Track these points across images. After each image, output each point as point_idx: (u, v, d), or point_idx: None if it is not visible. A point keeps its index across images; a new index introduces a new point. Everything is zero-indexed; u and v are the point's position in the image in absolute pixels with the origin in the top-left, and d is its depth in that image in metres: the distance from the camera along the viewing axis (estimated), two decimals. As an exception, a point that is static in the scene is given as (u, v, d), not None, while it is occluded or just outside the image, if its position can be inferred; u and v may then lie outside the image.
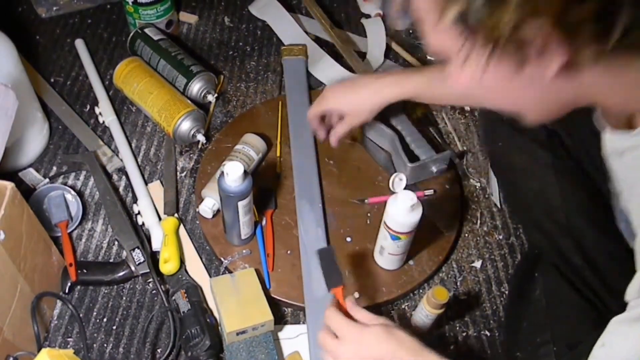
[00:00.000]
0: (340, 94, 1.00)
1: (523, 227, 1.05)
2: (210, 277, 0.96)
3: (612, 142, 0.66)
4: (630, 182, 0.63)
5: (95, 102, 1.22)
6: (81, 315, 0.92)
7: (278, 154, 1.12)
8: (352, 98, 0.99)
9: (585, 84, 0.54)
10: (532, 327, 0.66)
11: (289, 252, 0.98)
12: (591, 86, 0.55)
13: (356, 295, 0.93)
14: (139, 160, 1.13)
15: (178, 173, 1.12)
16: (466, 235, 1.05)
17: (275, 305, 0.93)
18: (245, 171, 0.85)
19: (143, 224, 1.02)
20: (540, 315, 0.64)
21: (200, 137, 1.12)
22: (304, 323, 0.92)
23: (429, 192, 1.06)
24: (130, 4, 1.29)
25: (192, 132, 1.12)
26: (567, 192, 0.85)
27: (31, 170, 1.10)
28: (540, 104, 0.59)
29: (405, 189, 0.97)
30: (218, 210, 1.01)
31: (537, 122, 0.64)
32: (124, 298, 0.95)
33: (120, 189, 1.09)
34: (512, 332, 0.88)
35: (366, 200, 1.05)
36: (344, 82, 1.01)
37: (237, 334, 0.85)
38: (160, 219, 1.02)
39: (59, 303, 0.93)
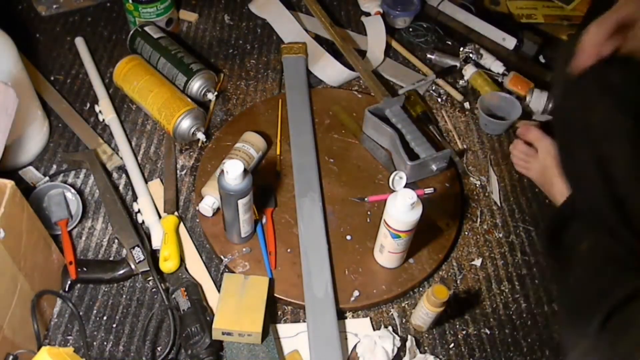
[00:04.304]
0: None
1: (572, 190, 0.88)
2: (210, 275, 0.96)
3: None
4: None
5: (95, 100, 1.22)
6: (81, 313, 0.92)
7: (278, 152, 1.12)
8: None
9: None
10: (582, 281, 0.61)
11: (289, 250, 0.98)
12: None
13: (356, 293, 0.93)
14: (139, 158, 1.13)
15: (178, 171, 1.12)
16: (466, 233, 1.05)
17: (274, 304, 0.93)
18: (245, 169, 0.85)
19: (143, 222, 1.02)
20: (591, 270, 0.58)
21: (200, 136, 1.12)
22: (303, 321, 0.92)
23: (429, 190, 1.06)
24: (130, 2, 1.29)
25: (192, 130, 1.12)
26: (637, 165, 0.75)
27: (31, 168, 1.10)
28: None
29: (405, 187, 0.97)
30: (218, 209, 1.01)
31: None
32: (124, 296, 0.95)
33: (120, 187, 1.09)
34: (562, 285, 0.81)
35: (366, 199, 1.05)
36: None
37: (223, 333, 0.85)
38: (160, 217, 1.02)
39: (59, 301, 0.93)
